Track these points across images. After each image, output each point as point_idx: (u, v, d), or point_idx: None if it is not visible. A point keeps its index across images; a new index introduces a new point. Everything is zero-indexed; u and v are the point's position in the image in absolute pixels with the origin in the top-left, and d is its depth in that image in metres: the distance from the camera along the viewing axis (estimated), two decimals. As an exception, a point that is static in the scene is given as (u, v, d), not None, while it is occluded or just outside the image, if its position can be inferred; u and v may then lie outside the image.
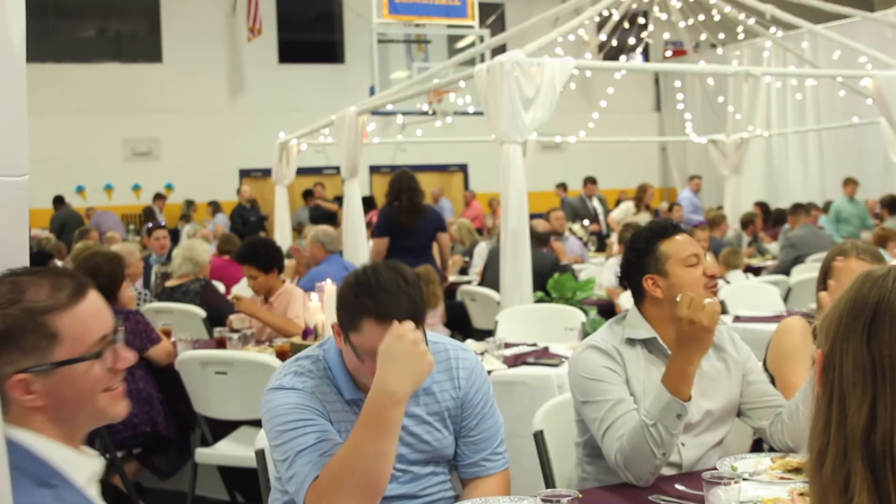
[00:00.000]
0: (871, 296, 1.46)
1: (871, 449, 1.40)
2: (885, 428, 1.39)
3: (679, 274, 3.16)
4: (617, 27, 14.40)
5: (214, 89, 20.20)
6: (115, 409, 1.98)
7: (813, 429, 1.49)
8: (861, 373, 1.43)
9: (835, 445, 1.44)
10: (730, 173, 14.92)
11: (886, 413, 1.39)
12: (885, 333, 1.42)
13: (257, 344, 5.92)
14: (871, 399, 1.41)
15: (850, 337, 1.45)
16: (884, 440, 1.39)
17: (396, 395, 2.43)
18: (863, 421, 1.41)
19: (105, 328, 1.94)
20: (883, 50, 10.40)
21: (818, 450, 1.46)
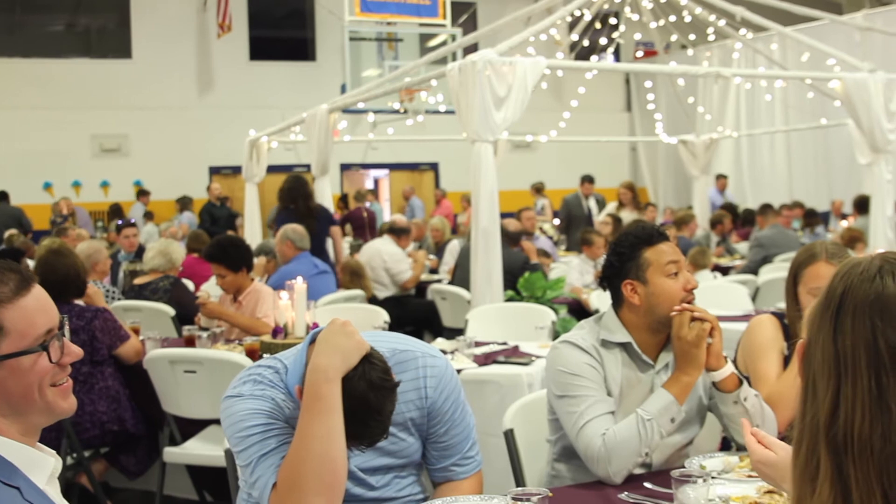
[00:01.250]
0: (839, 286, 1.47)
1: (834, 438, 1.41)
2: (846, 417, 1.40)
3: (658, 283, 3.17)
4: (588, 27, 14.42)
5: (184, 86, 20.09)
6: (64, 404, 1.97)
7: (795, 417, 1.51)
8: (827, 363, 1.44)
9: (808, 434, 1.45)
10: (699, 173, 14.99)
11: (848, 403, 1.40)
12: (847, 324, 1.43)
13: (227, 342, 5.90)
14: (834, 389, 1.42)
15: (821, 327, 1.47)
16: (845, 429, 1.40)
17: (327, 372, 2.43)
18: (827, 410, 1.42)
19: (50, 322, 1.93)
20: (850, 53, 10.49)
21: (796, 439, 1.48)
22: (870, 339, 1.41)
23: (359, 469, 2.78)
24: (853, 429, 1.39)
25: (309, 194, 9.38)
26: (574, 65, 9.85)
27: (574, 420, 3.05)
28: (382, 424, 2.51)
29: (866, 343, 1.41)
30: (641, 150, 23.32)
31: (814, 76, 10.89)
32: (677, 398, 3.03)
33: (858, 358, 1.41)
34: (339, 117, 10.33)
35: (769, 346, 3.68)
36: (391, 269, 9.58)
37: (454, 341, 5.61)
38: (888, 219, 8.97)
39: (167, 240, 8.04)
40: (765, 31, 12.05)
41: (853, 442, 1.39)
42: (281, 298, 5.18)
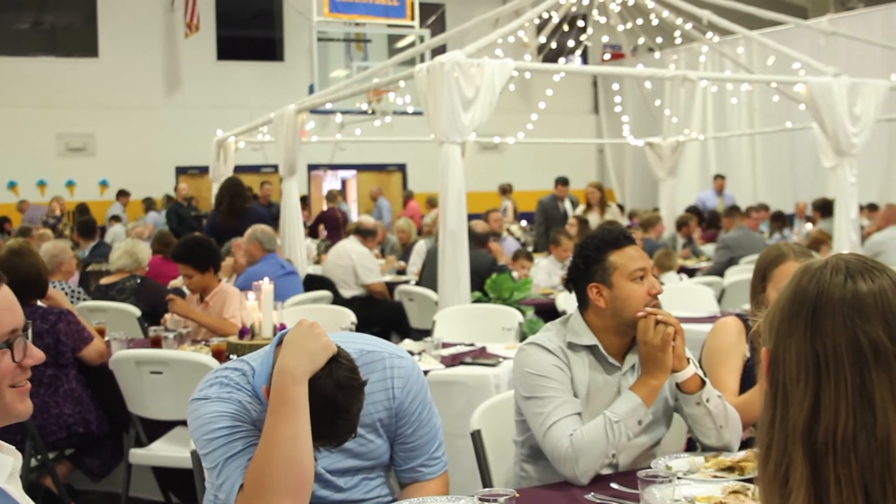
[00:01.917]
0: (811, 289, 1.47)
1: (813, 442, 1.41)
2: (828, 421, 1.40)
3: (623, 287, 3.18)
4: (556, 30, 14.48)
5: (151, 85, 19.97)
6: (21, 406, 1.95)
7: (760, 426, 1.50)
8: (804, 367, 1.44)
9: (778, 441, 1.45)
10: (666, 176, 15.06)
11: (830, 406, 1.40)
12: (827, 326, 1.43)
13: (193, 343, 5.87)
14: (813, 393, 1.42)
15: (793, 332, 1.46)
16: (826, 433, 1.40)
17: (293, 374, 2.43)
18: (805, 415, 1.42)
19: (16, 322, 1.92)
20: (816, 57, 10.58)
21: (765, 446, 1.48)
22: (852, 337, 1.42)
23: (326, 471, 2.78)
24: (836, 430, 1.39)
25: (236, 194, 9.74)
26: (542, 67, 9.85)
27: (541, 421, 3.07)
28: (350, 424, 2.51)
29: (849, 342, 1.42)
30: (608, 153, 23.41)
31: (779, 80, 10.97)
32: (645, 401, 3.05)
33: (841, 357, 1.41)
34: (306, 118, 10.30)
35: (730, 351, 3.72)
36: (359, 269, 9.56)
37: (421, 342, 5.61)
38: (852, 222, 9.05)
39: (133, 240, 8.01)
40: (731, 35, 12.15)
41: (835, 443, 1.39)
42: (248, 299, 5.16)
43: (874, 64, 15.47)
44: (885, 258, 9.74)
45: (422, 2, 17.88)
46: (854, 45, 14.67)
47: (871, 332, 1.42)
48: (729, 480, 2.82)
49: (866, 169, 13.29)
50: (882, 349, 1.41)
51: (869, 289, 1.44)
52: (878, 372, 1.41)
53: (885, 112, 10.61)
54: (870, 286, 1.45)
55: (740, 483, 2.76)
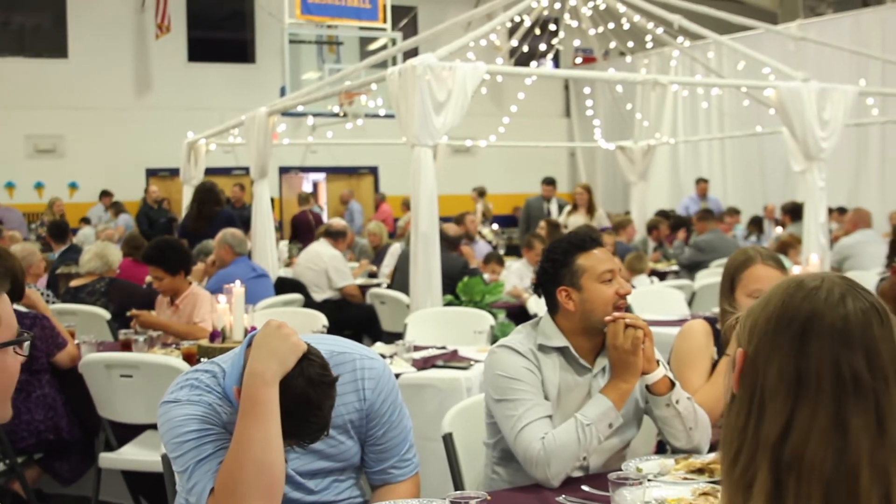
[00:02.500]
0: (804, 308, 1.47)
1: (780, 458, 1.42)
2: (798, 440, 1.42)
3: (592, 289, 3.20)
4: (528, 33, 14.51)
5: (121, 86, 19.84)
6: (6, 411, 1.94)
7: (731, 428, 1.51)
8: (784, 383, 1.45)
9: (748, 447, 1.46)
10: (637, 179, 15.11)
11: (804, 426, 1.42)
12: (813, 349, 1.44)
13: (164, 346, 5.84)
14: (790, 410, 1.43)
15: (778, 344, 1.47)
16: (794, 452, 1.42)
17: (263, 376, 2.43)
18: (777, 429, 1.43)
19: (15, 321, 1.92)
20: (785, 62, 10.64)
21: (735, 449, 1.49)
22: (835, 364, 1.43)
23: (297, 473, 2.78)
24: (804, 450, 1.41)
25: (204, 200, 10.00)
26: (514, 70, 9.88)
27: (512, 424, 3.07)
28: (323, 421, 2.52)
29: (832, 368, 1.43)
30: (580, 156, 23.47)
31: (749, 84, 11.05)
32: (615, 404, 3.06)
33: (822, 382, 1.43)
34: (278, 120, 10.28)
35: (697, 355, 3.74)
36: (331, 273, 9.54)
37: (393, 345, 5.62)
38: (821, 225, 9.11)
39: (104, 242, 7.95)
40: (702, 40, 12.22)
41: (801, 463, 1.41)
42: (219, 302, 5.15)
43: (843, 69, 15.58)
44: (854, 262, 9.83)
45: (394, 4, 17.90)
46: (823, 51, 14.77)
47: (855, 363, 1.43)
48: (699, 482, 2.84)
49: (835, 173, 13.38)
50: (862, 381, 1.43)
51: (857, 320, 1.46)
52: (856, 402, 1.43)
53: (853, 117, 10.73)
54: (858, 317, 1.46)
55: (710, 485, 2.78)
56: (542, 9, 12.68)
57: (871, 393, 1.43)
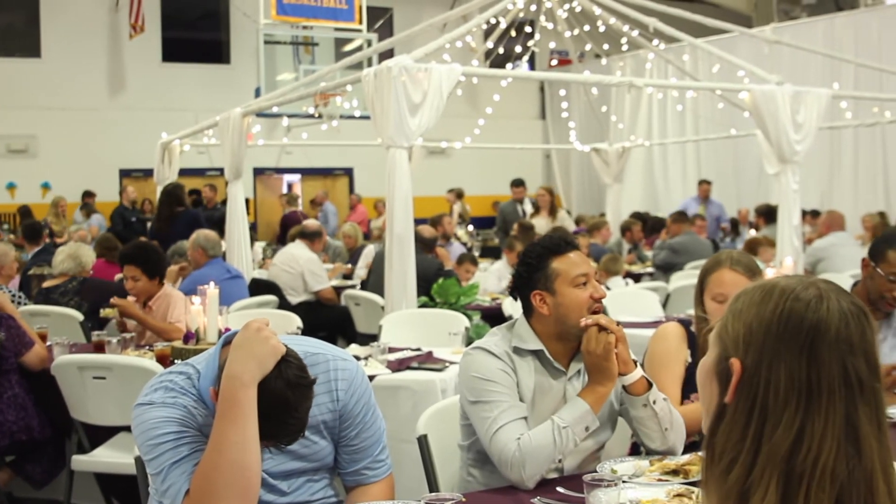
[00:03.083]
0: (809, 317, 1.47)
1: (792, 468, 1.42)
2: (810, 449, 1.42)
3: (566, 293, 3.20)
4: (504, 35, 14.52)
5: (95, 87, 19.71)
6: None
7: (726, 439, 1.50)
8: (795, 393, 1.44)
9: (747, 457, 1.46)
10: (612, 181, 15.15)
11: (816, 435, 1.42)
12: (824, 357, 1.45)
13: (137, 348, 5.80)
14: (801, 420, 1.43)
15: (784, 355, 1.46)
16: (805, 461, 1.42)
17: (242, 378, 2.43)
18: (789, 440, 1.43)
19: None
20: (759, 65, 10.69)
21: (730, 460, 1.48)
22: (844, 370, 1.44)
23: (271, 474, 2.78)
24: (819, 458, 1.41)
25: (165, 202, 10.38)
26: (489, 72, 9.87)
27: (487, 425, 3.07)
28: (300, 422, 2.52)
29: (842, 374, 1.44)
30: (555, 158, 23.51)
31: (723, 87, 11.09)
32: (592, 407, 3.07)
33: (834, 389, 1.44)
34: (252, 121, 10.25)
35: (671, 358, 3.75)
36: (307, 276, 9.51)
37: (368, 347, 5.61)
38: (794, 228, 9.15)
39: (77, 243, 7.90)
40: (677, 43, 12.26)
41: (814, 469, 1.41)
42: (192, 303, 5.12)
43: (816, 72, 15.70)
44: (827, 264, 9.89)
45: (369, 6, 17.86)
46: (797, 54, 14.86)
47: (858, 366, 1.46)
48: (673, 484, 2.84)
49: (808, 176, 13.49)
50: (866, 383, 1.46)
51: (855, 323, 1.48)
52: (863, 405, 1.45)
53: (826, 120, 10.76)
54: (855, 321, 1.48)
55: (685, 486, 2.79)
56: (518, 11, 12.69)
57: (872, 393, 1.46)
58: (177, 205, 10.39)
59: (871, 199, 16.09)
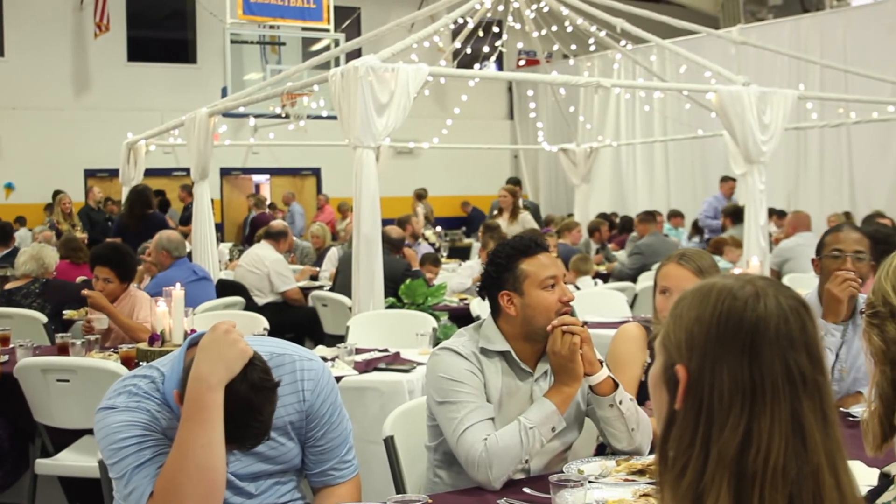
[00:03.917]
0: (748, 316, 1.47)
1: (742, 469, 1.42)
2: (759, 449, 1.41)
3: (534, 295, 3.20)
4: (471, 35, 14.51)
5: (59, 86, 19.56)
6: None
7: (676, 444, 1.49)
8: (739, 394, 1.44)
9: (696, 461, 1.45)
10: (580, 182, 15.18)
11: (764, 435, 1.42)
12: (766, 355, 1.44)
13: (102, 350, 5.74)
14: (747, 419, 1.43)
15: (725, 356, 1.46)
16: (755, 461, 1.41)
17: (209, 381, 2.42)
18: (737, 441, 1.42)
19: None
20: (726, 66, 10.75)
21: (682, 465, 1.47)
22: (787, 366, 1.44)
23: (238, 475, 2.76)
24: (768, 457, 1.41)
25: (135, 201, 10.48)
26: (457, 72, 9.87)
27: (454, 426, 3.06)
28: (264, 426, 2.50)
29: (784, 371, 1.44)
30: (523, 158, 23.55)
31: (690, 88, 11.14)
32: (559, 408, 3.07)
33: (778, 387, 1.43)
34: (219, 121, 10.19)
35: (629, 360, 3.77)
36: (273, 277, 9.46)
37: (335, 348, 5.58)
38: (761, 228, 9.21)
39: (40, 244, 7.82)
40: (644, 43, 12.30)
41: (765, 469, 1.41)
42: (158, 305, 5.08)
43: (782, 73, 15.82)
44: (793, 264, 9.94)
45: (337, 5, 17.82)
46: (763, 55, 14.95)
47: (801, 361, 1.45)
48: (640, 484, 2.85)
49: (774, 176, 13.57)
50: (808, 377, 1.45)
51: (794, 319, 1.47)
52: (807, 400, 1.44)
53: (792, 120, 10.85)
54: (795, 316, 1.48)
55: (651, 486, 2.79)
56: (486, 11, 12.70)
57: (816, 387, 1.45)
58: (146, 206, 10.42)
59: (837, 200, 16.22)
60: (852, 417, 3.56)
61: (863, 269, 3.96)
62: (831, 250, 4.07)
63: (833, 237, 4.12)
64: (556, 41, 15.01)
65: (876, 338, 1.80)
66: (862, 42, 15.93)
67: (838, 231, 4.15)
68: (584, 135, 17.05)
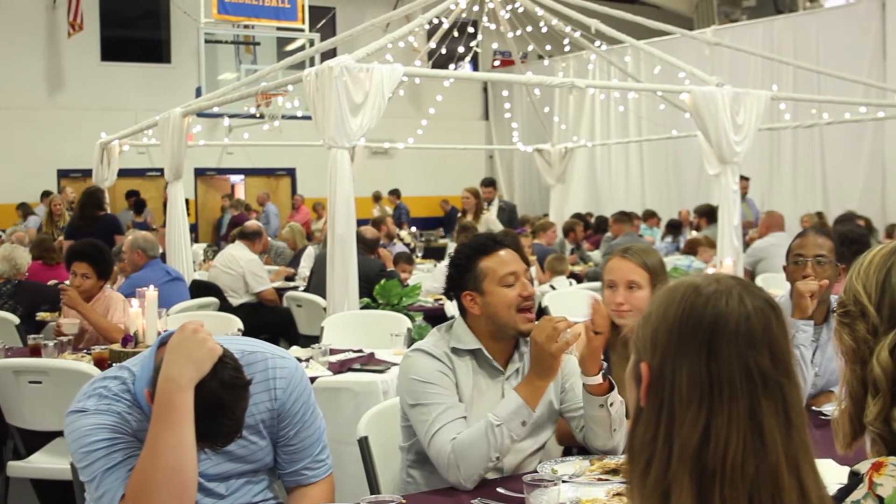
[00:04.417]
0: (707, 313, 1.48)
1: (703, 465, 1.43)
2: (718, 446, 1.42)
3: (494, 292, 3.20)
4: (446, 35, 14.52)
5: (32, 86, 19.42)
6: None
7: (640, 440, 1.50)
8: (697, 390, 1.45)
9: (661, 458, 1.46)
10: (555, 182, 15.21)
11: (722, 431, 1.42)
12: (723, 353, 1.45)
13: (75, 351, 5.71)
14: (706, 417, 1.43)
15: (685, 352, 1.47)
16: (715, 457, 1.42)
17: (179, 382, 2.41)
18: (696, 437, 1.43)
19: None
20: (700, 66, 10.79)
21: (645, 461, 1.48)
22: (745, 365, 1.45)
23: (207, 476, 2.75)
24: (726, 454, 1.42)
25: (85, 202, 10.55)
26: (431, 73, 9.86)
27: (426, 428, 3.07)
28: (236, 424, 2.50)
29: (742, 370, 1.44)
30: (498, 159, 23.58)
31: (665, 89, 11.18)
32: (528, 401, 3.04)
33: (735, 385, 1.44)
34: (193, 121, 10.15)
35: None
36: (248, 278, 9.44)
37: (309, 349, 5.58)
38: (735, 228, 9.24)
39: (12, 245, 7.78)
40: (619, 44, 12.32)
41: (724, 466, 1.42)
42: (132, 306, 5.06)
43: (756, 74, 15.93)
44: (767, 264, 9.99)
45: (312, 5, 17.79)
46: (737, 56, 15.04)
47: (761, 361, 1.45)
48: (613, 483, 2.86)
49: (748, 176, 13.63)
50: (769, 378, 1.45)
51: (758, 318, 1.48)
52: (767, 400, 1.45)
53: (766, 121, 10.90)
54: (759, 316, 1.48)
55: (624, 485, 2.79)
56: (461, 11, 12.70)
57: (778, 388, 1.46)
58: (98, 208, 10.48)
59: (810, 199, 16.34)
60: (824, 416, 3.58)
61: (826, 272, 3.98)
62: (794, 256, 4.11)
63: (797, 243, 4.15)
64: (531, 42, 15.04)
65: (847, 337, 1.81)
66: (834, 43, 16.05)
67: (802, 237, 4.18)
68: (559, 135, 17.08)
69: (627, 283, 3.67)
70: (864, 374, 1.75)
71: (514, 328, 3.21)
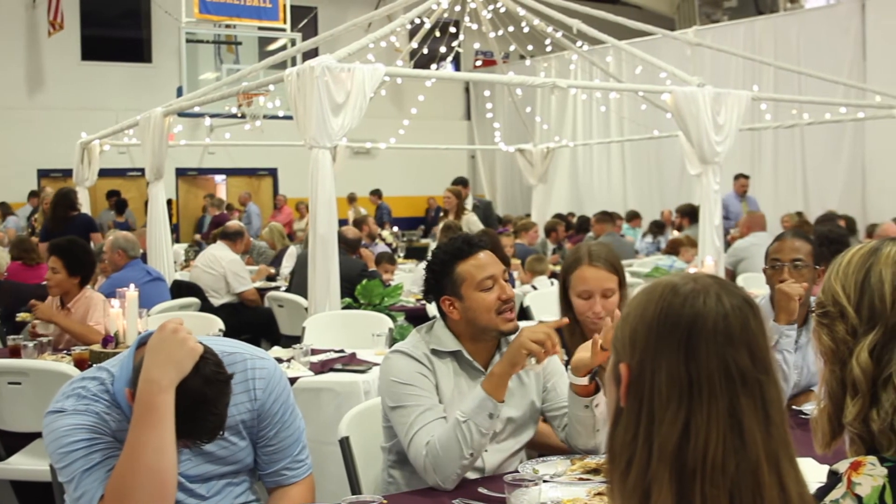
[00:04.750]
0: (685, 312, 1.48)
1: (682, 463, 1.43)
2: (698, 444, 1.42)
3: (473, 297, 3.19)
4: (428, 35, 14.50)
5: (12, 85, 19.33)
6: None
7: (620, 440, 1.51)
8: (676, 389, 1.45)
9: (641, 457, 1.46)
10: (536, 182, 15.22)
11: (701, 430, 1.43)
12: (701, 352, 1.45)
13: (55, 352, 5.68)
14: (685, 415, 1.44)
15: (664, 352, 1.47)
16: (695, 456, 1.42)
17: (160, 383, 2.40)
18: (675, 436, 1.43)
19: None
20: (681, 67, 10.81)
21: (626, 461, 1.48)
22: (724, 363, 1.45)
23: (188, 477, 2.75)
24: (706, 452, 1.42)
25: (58, 203, 10.58)
26: (413, 72, 9.85)
27: (405, 431, 3.06)
28: (219, 419, 2.49)
29: (721, 368, 1.45)
30: (480, 159, 23.59)
31: (646, 89, 11.18)
32: (491, 393, 2.99)
33: (714, 383, 1.44)
34: (174, 121, 10.11)
35: None
36: (230, 278, 9.40)
37: (291, 349, 5.57)
38: (716, 228, 9.27)
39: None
40: (600, 44, 12.33)
41: (704, 465, 1.42)
42: (112, 306, 5.04)
43: (737, 75, 15.97)
44: (748, 264, 10.02)
45: (294, 5, 17.77)
46: (718, 57, 15.08)
47: (739, 359, 1.46)
48: (594, 482, 2.86)
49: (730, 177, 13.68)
50: (748, 376, 1.46)
51: (736, 317, 1.48)
52: (746, 398, 1.45)
53: (747, 121, 10.94)
54: (737, 314, 1.48)
55: (605, 485, 2.79)
56: (443, 11, 12.69)
57: (757, 385, 1.46)
58: (69, 209, 10.48)
59: (791, 200, 16.40)
60: (804, 415, 3.59)
61: (803, 276, 3.98)
62: (771, 260, 4.11)
63: (774, 247, 4.14)
64: (513, 42, 15.03)
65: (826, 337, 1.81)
66: (815, 44, 16.12)
67: (780, 240, 4.17)
68: (541, 135, 17.08)
69: (603, 291, 3.67)
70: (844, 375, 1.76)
71: (495, 329, 3.20)
